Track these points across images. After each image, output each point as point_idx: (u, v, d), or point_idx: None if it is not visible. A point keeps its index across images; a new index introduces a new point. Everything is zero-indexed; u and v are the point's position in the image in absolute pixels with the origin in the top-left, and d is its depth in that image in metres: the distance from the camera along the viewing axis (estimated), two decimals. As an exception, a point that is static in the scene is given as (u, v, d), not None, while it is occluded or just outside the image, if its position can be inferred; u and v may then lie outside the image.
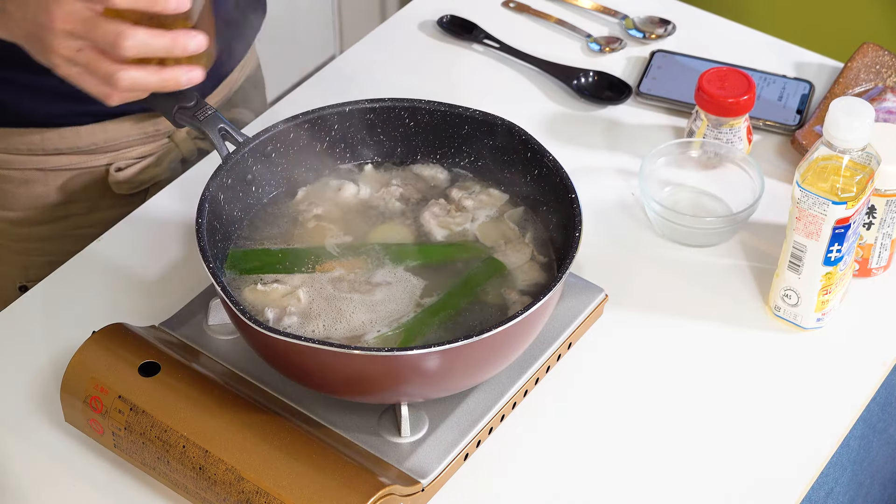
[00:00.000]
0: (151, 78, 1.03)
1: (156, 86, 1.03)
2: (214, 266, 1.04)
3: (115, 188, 1.35)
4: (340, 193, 1.19)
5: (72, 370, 1.07)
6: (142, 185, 1.37)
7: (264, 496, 0.98)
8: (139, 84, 1.03)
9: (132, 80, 1.02)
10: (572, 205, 1.09)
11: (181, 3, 1.00)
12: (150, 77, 1.03)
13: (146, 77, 1.03)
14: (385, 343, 1.06)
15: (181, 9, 1.00)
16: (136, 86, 1.03)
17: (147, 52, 1.01)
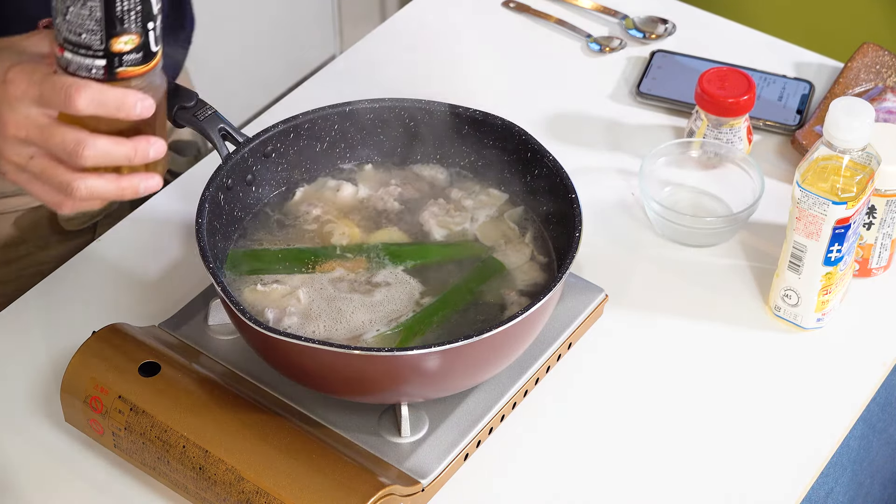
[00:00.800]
0: (109, 186, 0.97)
1: (114, 195, 0.98)
2: (214, 266, 1.04)
3: (65, 225, 1.33)
4: (339, 194, 1.19)
5: (72, 370, 1.07)
6: (92, 219, 1.34)
7: (264, 496, 0.98)
8: (97, 193, 0.97)
9: (90, 189, 0.96)
10: (572, 205, 1.09)
11: (146, 109, 0.95)
12: (108, 185, 0.97)
13: (104, 186, 0.97)
14: (384, 342, 1.06)
15: (145, 115, 0.96)
16: (93, 195, 0.97)
17: (107, 161, 0.96)
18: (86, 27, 0.92)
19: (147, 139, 0.96)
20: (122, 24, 0.92)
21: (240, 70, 2.49)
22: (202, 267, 1.04)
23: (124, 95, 0.94)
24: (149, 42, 0.94)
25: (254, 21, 2.52)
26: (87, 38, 0.92)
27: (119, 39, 0.93)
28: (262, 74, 2.53)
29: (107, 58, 0.93)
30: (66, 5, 0.92)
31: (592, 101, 1.43)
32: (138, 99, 0.94)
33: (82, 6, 0.91)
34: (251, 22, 2.51)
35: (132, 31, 0.93)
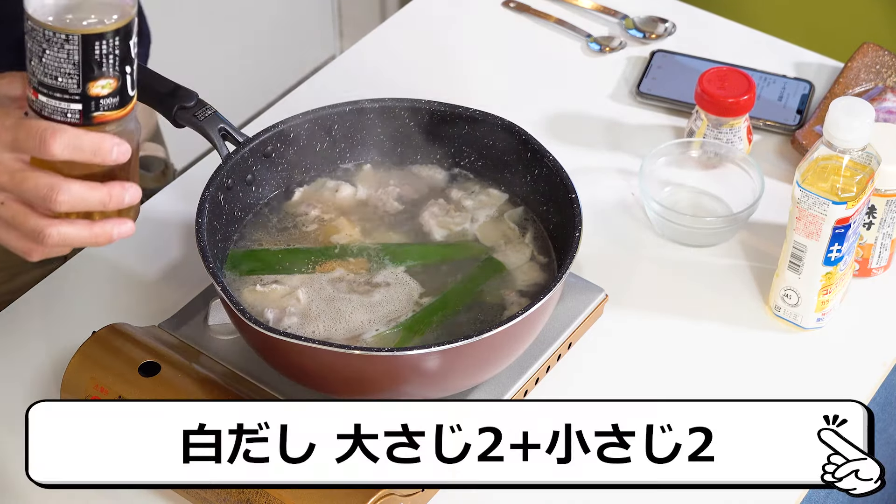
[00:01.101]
0: (82, 233, 0.95)
1: (86, 241, 0.95)
2: (214, 266, 1.04)
3: None
4: (338, 194, 1.19)
5: (72, 370, 1.07)
6: None
7: (264, 496, 0.98)
8: (69, 240, 0.94)
9: (62, 236, 0.94)
10: (572, 205, 1.09)
11: (122, 155, 0.93)
12: (81, 232, 0.95)
13: (77, 232, 0.94)
14: (383, 342, 1.06)
15: (121, 160, 0.93)
16: (65, 241, 0.94)
17: (81, 206, 0.94)
18: (62, 70, 0.90)
19: (122, 185, 0.95)
20: (99, 67, 0.90)
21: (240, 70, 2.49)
22: (202, 267, 1.04)
23: (101, 140, 0.92)
24: (126, 86, 0.92)
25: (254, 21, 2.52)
26: (64, 81, 0.90)
27: (96, 83, 0.91)
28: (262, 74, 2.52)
29: (83, 102, 0.91)
30: (42, 48, 0.89)
31: (592, 101, 1.43)
32: (114, 144, 0.93)
33: (59, 49, 0.89)
34: (251, 22, 2.51)
35: (110, 76, 0.91)
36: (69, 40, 0.89)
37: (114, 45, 0.90)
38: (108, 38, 0.90)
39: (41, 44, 0.89)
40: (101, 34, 0.89)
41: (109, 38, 0.90)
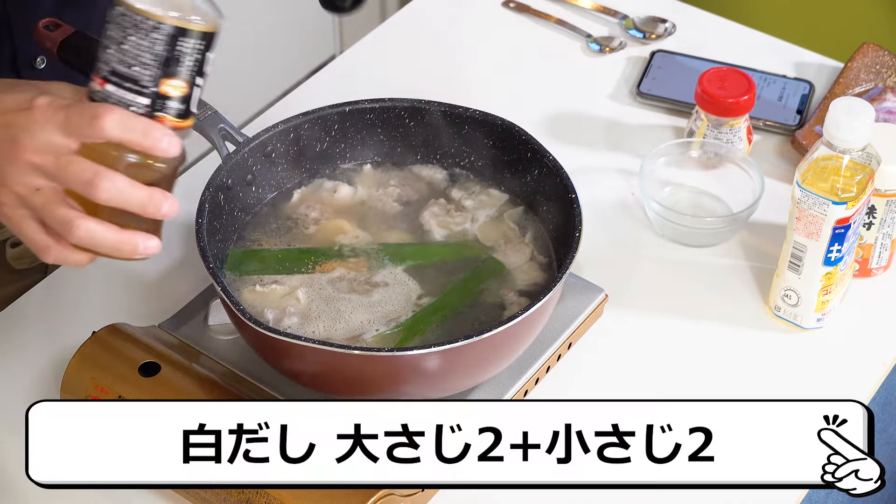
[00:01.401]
0: (109, 236, 0.90)
1: (110, 247, 0.90)
2: (214, 266, 1.04)
3: (15, 263, 1.30)
4: (336, 195, 1.19)
5: (72, 370, 1.07)
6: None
7: (264, 496, 0.98)
8: (95, 239, 0.89)
9: (89, 232, 0.89)
10: (572, 205, 1.09)
11: (172, 147, 0.90)
12: (108, 235, 0.90)
13: (104, 234, 0.89)
14: (383, 342, 1.06)
15: (170, 152, 0.90)
16: (90, 240, 0.89)
17: (121, 200, 0.89)
18: (141, 60, 0.89)
19: (163, 192, 0.91)
20: (177, 65, 0.89)
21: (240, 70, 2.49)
22: (202, 267, 1.04)
23: (153, 126, 0.89)
24: (191, 97, 0.92)
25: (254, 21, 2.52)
26: (139, 71, 0.89)
27: (169, 81, 0.90)
28: (262, 74, 2.52)
29: (151, 97, 0.90)
30: (126, 34, 0.88)
31: (592, 101, 1.43)
32: (166, 134, 0.90)
33: (145, 36, 0.88)
34: (251, 22, 2.51)
35: (184, 78, 0.90)
36: (158, 28, 0.88)
37: (197, 47, 0.90)
38: (194, 37, 0.89)
39: (126, 29, 0.88)
40: (190, 31, 0.89)
41: (196, 39, 0.89)
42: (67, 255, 0.91)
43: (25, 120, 0.89)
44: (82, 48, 1.08)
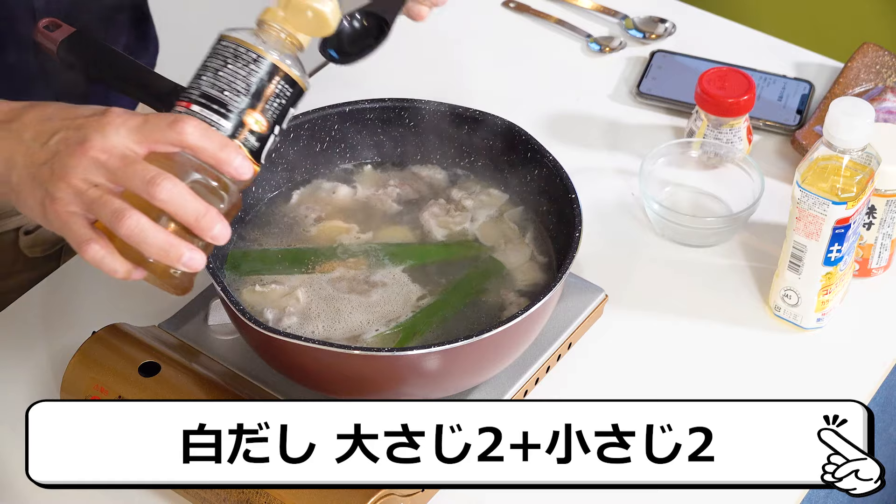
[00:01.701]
0: (158, 236, 0.87)
1: (157, 247, 0.88)
2: (214, 266, 1.04)
3: (28, 251, 1.30)
4: (335, 195, 1.19)
5: (72, 370, 1.07)
6: (55, 245, 1.32)
7: (264, 496, 0.98)
8: (144, 233, 0.87)
9: (140, 226, 0.87)
10: (572, 205, 1.09)
11: (243, 169, 0.90)
12: (157, 235, 0.87)
13: (153, 232, 0.87)
14: (383, 342, 1.06)
15: (240, 176, 0.90)
16: (140, 233, 0.87)
17: (178, 204, 0.87)
18: (234, 86, 0.92)
19: (219, 213, 0.90)
20: (265, 102, 0.93)
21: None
22: (202, 267, 1.04)
23: (230, 142, 0.90)
24: (266, 141, 0.94)
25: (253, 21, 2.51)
26: (229, 96, 0.92)
27: (254, 113, 0.93)
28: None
29: (234, 124, 0.92)
30: (226, 62, 0.92)
31: (592, 101, 1.43)
32: (241, 154, 0.90)
33: (244, 66, 0.92)
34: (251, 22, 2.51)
35: (267, 116, 0.93)
36: (257, 61, 0.93)
37: (285, 91, 0.94)
38: (287, 80, 0.94)
39: (226, 59, 0.93)
40: (286, 74, 0.94)
41: (287, 84, 0.94)
42: (105, 256, 0.89)
43: (99, 123, 0.89)
44: (82, 48, 1.08)
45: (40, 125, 0.91)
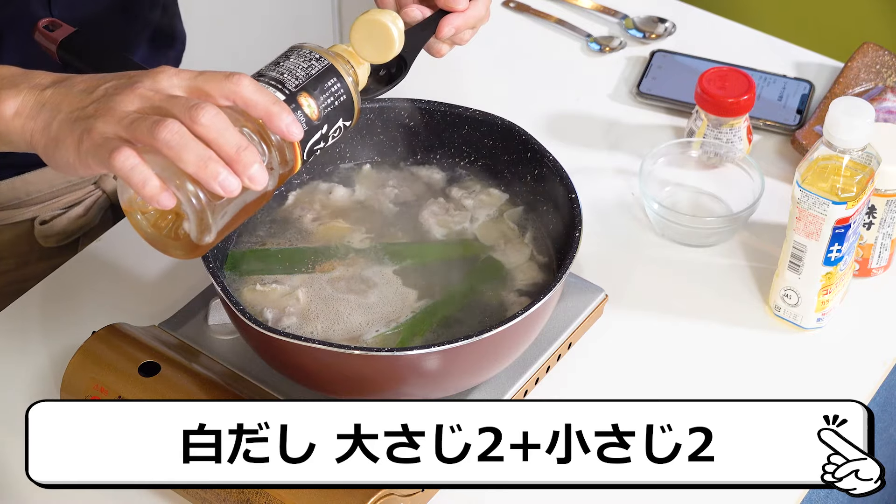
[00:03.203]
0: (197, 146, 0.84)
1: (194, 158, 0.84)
2: (214, 266, 1.04)
3: (43, 241, 1.31)
4: (331, 196, 1.19)
5: (72, 370, 1.07)
6: (71, 236, 1.33)
7: (264, 496, 0.98)
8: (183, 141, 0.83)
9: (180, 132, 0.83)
10: (572, 205, 1.09)
11: (294, 128, 0.89)
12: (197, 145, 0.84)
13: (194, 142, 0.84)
14: (384, 343, 1.06)
15: (291, 133, 0.89)
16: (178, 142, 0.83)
17: (219, 130, 0.85)
18: (293, 72, 0.94)
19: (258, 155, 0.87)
20: (319, 92, 0.94)
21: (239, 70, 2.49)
22: (202, 267, 1.04)
23: (280, 101, 0.89)
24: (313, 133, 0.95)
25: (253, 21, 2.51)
26: (287, 77, 0.94)
27: (308, 97, 0.94)
28: (262, 73, 2.52)
29: (288, 98, 0.93)
30: (288, 57, 0.95)
31: (592, 101, 1.43)
32: (291, 114, 0.89)
33: (305, 60, 0.95)
34: (251, 22, 2.51)
35: (319, 105, 0.94)
36: (319, 59, 0.96)
37: (339, 94, 0.96)
38: (342, 85, 0.96)
39: (289, 55, 0.96)
40: (343, 80, 0.96)
41: (342, 87, 0.96)
42: (137, 165, 0.83)
43: (152, 71, 0.89)
44: (82, 48, 1.08)
45: (93, 80, 0.90)
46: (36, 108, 0.89)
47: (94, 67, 1.06)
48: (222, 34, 2.42)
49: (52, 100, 0.89)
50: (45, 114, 0.89)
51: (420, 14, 1.08)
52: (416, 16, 1.08)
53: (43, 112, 0.89)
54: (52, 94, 0.90)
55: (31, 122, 0.89)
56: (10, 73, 0.93)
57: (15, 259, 1.30)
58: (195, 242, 0.89)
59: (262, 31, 2.54)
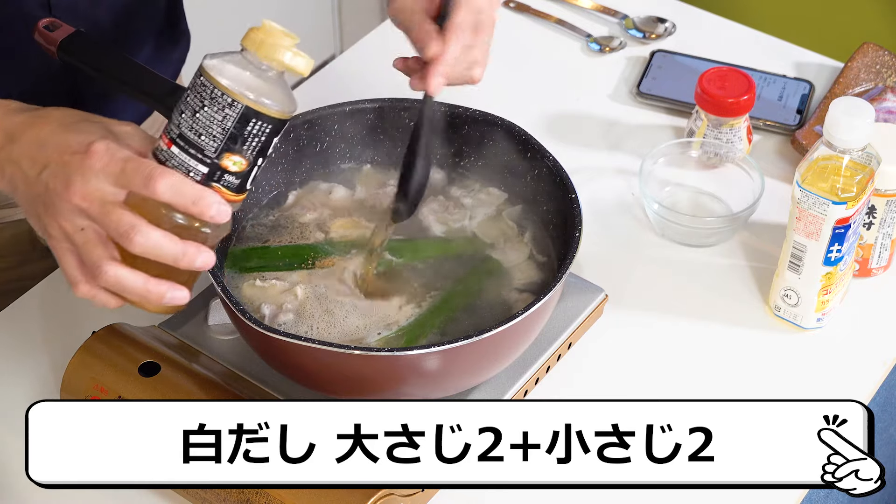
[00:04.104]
0: (137, 282, 0.92)
1: (137, 293, 0.93)
2: (214, 266, 1.04)
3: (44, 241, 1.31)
4: (331, 196, 1.19)
5: (72, 370, 1.07)
6: None
7: (264, 496, 0.98)
8: (122, 283, 0.92)
9: (117, 278, 0.92)
10: (572, 205, 1.09)
11: (221, 214, 0.92)
12: (136, 281, 0.92)
13: (133, 281, 0.92)
14: (387, 345, 1.06)
15: (219, 220, 0.93)
16: (117, 284, 0.93)
17: (155, 253, 0.91)
18: (210, 131, 0.92)
19: (198, 246, 0.93)
20: (242, 144, 0.92)
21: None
22: (202, 267, 1.04)
23: (205, 192, 0.92)
24: (249, 174, 0.94)
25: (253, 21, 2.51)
26: (205, 141, 0.92)
27: (231, 157, 0.92)
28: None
29: (211, 167, 0.92)
30: (202, 104, 0.91)
31: (592, 101, 1.43)
32: (217, 201, 0.92)
33: (219, 111, 0.91)
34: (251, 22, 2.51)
35: (245, 156, 0.93)
36: (232, 105, 0.91)
37: (264, 130, 0.93)
38: (264, 120, 0.92)
39: (203, 100, 0.91)
40: (262, 115, 0.92)
41: (265, 122, 0.92)
42: (97, 294, 0.94)
43: (80, 164, 0.92)
44: (82, 48, 1.08)
45: (35, 152, 0.95)
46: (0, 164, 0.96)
47: (94, 67, 1.06)
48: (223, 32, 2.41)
49: (7, 170, 0.96)
50: (5, 182, 0.97)
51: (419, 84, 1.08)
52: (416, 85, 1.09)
53: (5, 173, 0.96)
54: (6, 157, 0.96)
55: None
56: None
57: (15, 258, 1.31)
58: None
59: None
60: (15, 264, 1.31)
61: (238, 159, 0.93)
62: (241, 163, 0.93)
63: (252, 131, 0.92)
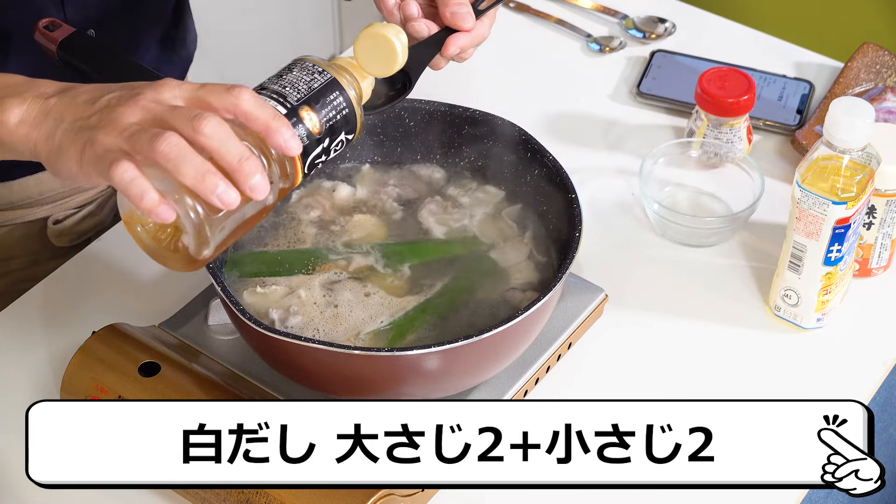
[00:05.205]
0: (196, 159, 0.83)
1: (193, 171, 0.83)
2: (214, 266, 1.04)
3: (56, 241, 1.31)
4: (336, 194, 1.19)
5: (72, 370, 1.07)
6: (83, 236, 1.33)
7: (264, 496, 0.98)
8: (182, 153, 0.83)
9: (179, 145, 0.82)
10: (572, 205, 1.09)
11: (292, 143, 0.87)
12: (195, 158, 0.83)
13: (192, 155, 0.83)
14: (376, 338, 1.06)
15: (289, 148, 0.88)
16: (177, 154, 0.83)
17: (220, 143, 0.84)
18: (295, 86, 0.94)
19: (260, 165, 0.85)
20: (321, 106, 0.94)
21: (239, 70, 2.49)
22: (202, 267, 1.04)
23: (281, 116, 0.88)
24: (314, 147, 0.93)
25: (253, 21, 2.52)
26: (289, 90, 0.93)
27: (310, 111, 0.93)
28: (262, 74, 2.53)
29: (289, 112, 0.92)
30: (291, 69, 0.95)
31: (592, 101, 1.44)
32: (291, 129, 0.88)
33: (307, 73, 0.94)
34: (251, 22, 2.51)
35: (320, 119, 0.93)
36: (322, 73, 0.95)
37: (341, 107, 0.95)
38: (345, 99, 0.95)
39: (291, 68, 0.95)
40: (345, 92, 0.95)
41: (344, 101, 0.95)
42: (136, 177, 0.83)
43: (154, 83, 0.88)
44: (82, 48, 1.08)
45: (96, 90, 0.90)
46: (40, 117, 0.90)
47: (94, 68, 1.06)
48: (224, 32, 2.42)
49: (55, 109, 0.90)
50: (49, 123, 0.89)
51: (427, 30, 1.07)
52: (423, 32, 1.07)
53: (47, 121, 0.89)
54: (56, 104, 0.90)
55: (34, 130, 0.90)
56: (15, 81, 0.93)
57: (26, 258, 1.31)
58: (193, 256, 0.89)
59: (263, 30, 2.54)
60: (26, 265, 1.31)
61: (314, 117, 0.93)
62: (316, 123, 0.93)
63: (333, 101, 0.94)
